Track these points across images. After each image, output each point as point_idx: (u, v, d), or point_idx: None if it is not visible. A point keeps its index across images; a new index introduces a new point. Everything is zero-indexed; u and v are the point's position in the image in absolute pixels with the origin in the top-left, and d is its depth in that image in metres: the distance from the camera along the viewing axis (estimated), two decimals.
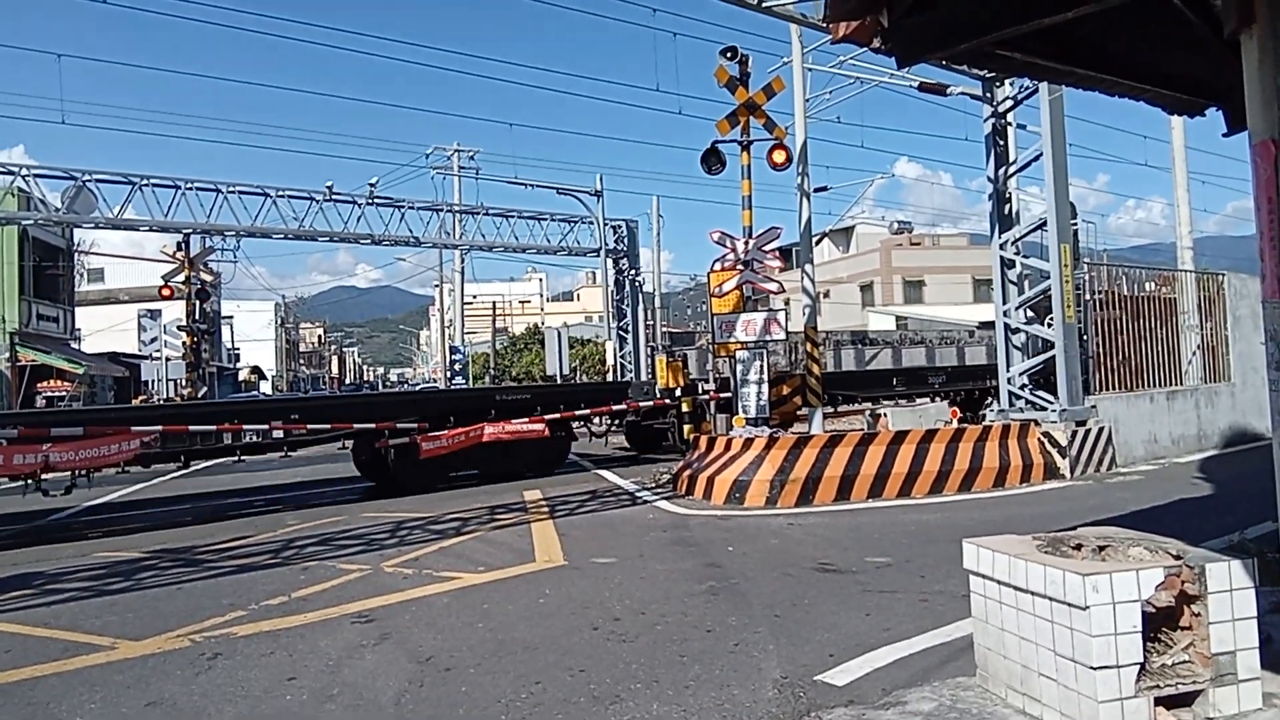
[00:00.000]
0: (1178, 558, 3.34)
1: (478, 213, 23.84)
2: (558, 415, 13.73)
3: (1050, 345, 12.09)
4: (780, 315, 11.99)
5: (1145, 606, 3.16)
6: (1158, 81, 4.71)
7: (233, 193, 19.29)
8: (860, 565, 6.86)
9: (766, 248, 11.77)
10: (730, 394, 12.65)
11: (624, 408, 14.87)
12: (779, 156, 12.06)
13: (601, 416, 15.25)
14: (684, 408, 15.22)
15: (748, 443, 10.63)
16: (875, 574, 6.57)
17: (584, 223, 24.71)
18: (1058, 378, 11.93)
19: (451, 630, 5.47)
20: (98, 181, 18.17)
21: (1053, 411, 11.92)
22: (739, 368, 11.88)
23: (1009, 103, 12.62)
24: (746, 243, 11.76)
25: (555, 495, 11.41)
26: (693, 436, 13.22)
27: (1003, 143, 12.82)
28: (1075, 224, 13.06)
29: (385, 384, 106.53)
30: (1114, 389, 13.09)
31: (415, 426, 12.28)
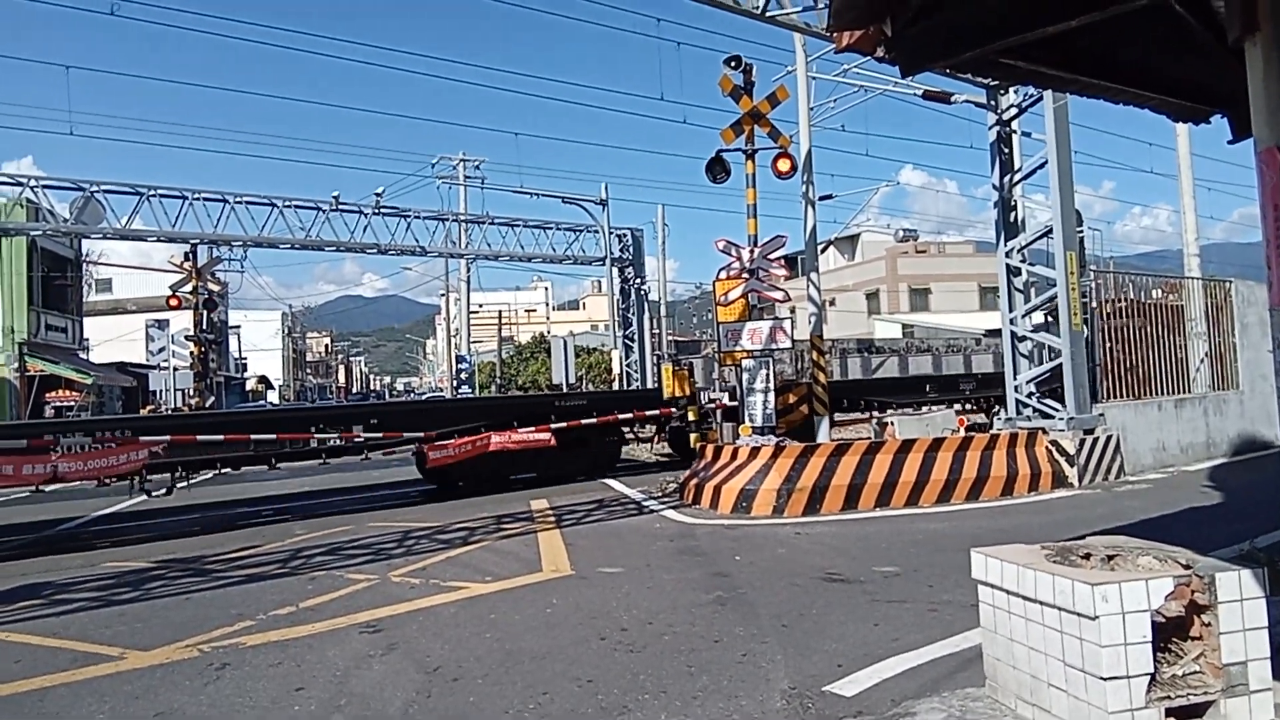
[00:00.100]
0: (1187, 567, 3.32)
1: (483, 222, 23.91)
2: (601, 420, 14.43)
3: (1057, 353, 12.06)
4: (786, 323, 11.98)
5: (1155, 616, 3.15)
6: (1162, 89, 4.70)
7: (240, 203, 19.39)
8: (868, 575, 6.84)
9: (772, 256, 11.78)
10: (736, 402, 12.65)
11: (658, 414, 15.44)
12: (783, 165, 12.16)
13: (645, 422, 15.83)
14: (690, 416, 15.23)
15: (754, 451, 10.61)
16: (883, 583, 6.55)
17: (589, 231, 24.76)
18: (1065, 386, 11.89)
19: (459, 640, 5.47)
20: (105, 192, 18.27)
21: (1060, 420, 11.87)
22: (745, 376, 11.88)
23: (1013, 110, 12.62)
24: (752, 251, 11.77)
25: (562, 504, 11.41)
26: (699, 445, 13.21)
27: (1008, 150, 12.81)
28: (1081, 231, 13.01)
29: (392, 393, 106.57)
30: (1122, 397, 13.04)
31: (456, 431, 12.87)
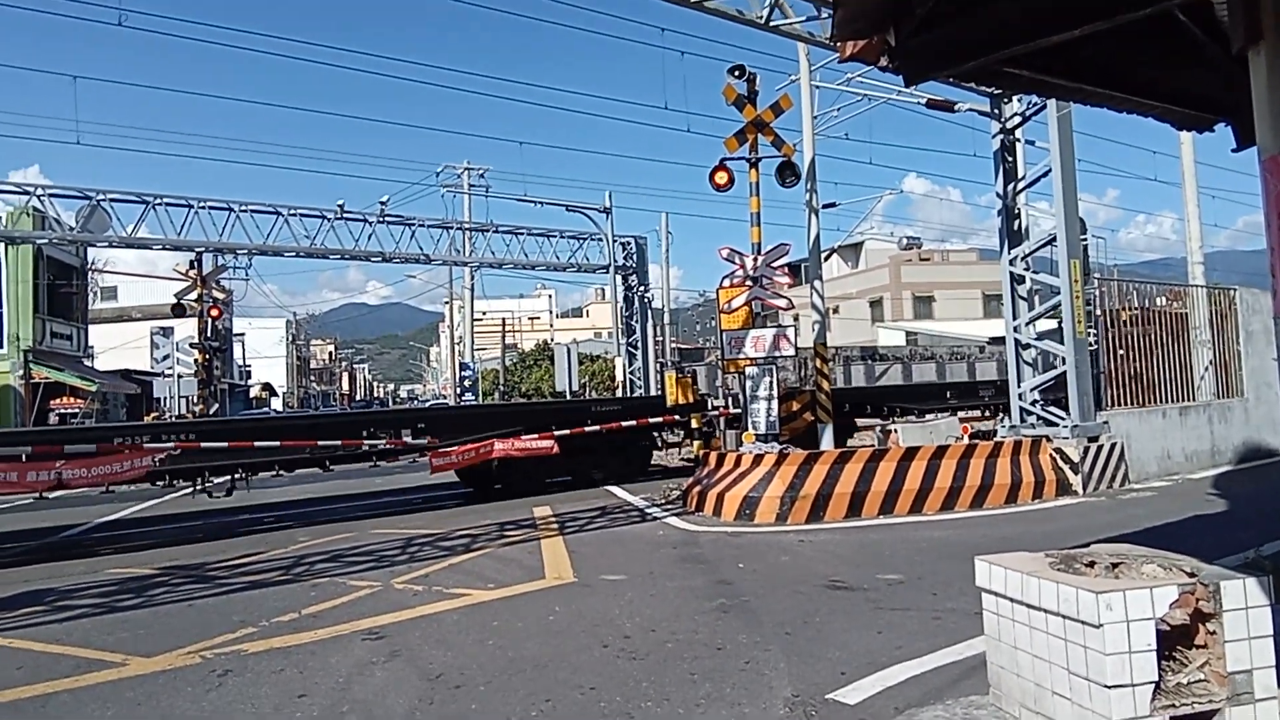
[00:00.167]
0: (1192, 575, 3.31)
1: (488, 230, 23.95)
2: (637, 423, 14.58)
3: (1061, 360, 12.05)
4: (789, 331, 11.98)
5: (1159, 624, 3.14)
6: (1166, 98, 4.71)
7: (245, 211, 19.45)
8: (872, 582, 6.82)
9: (775, 264, 11.78)
10: (740, 410, 12.64)
11: (688, 419, 15.61)
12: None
13: (676, 427, 16.00)
14: (693, 424, 15.23)
15: (758, 459, 10.60)
16: (887, 591, 6.53)
17: (593, 239, 24.80)
18: (1069, 393, 11.87)
19: (461, 647, 5.46)
20: (111, 201, 18.34)
21: (1064, 427, 11.85)
22: (748, 384, 11.87)
23: (1017, 119, 12.63)
24: (755, 259, 11.78)
25: (565, 512, 11.40)
26: (702, 453, 13.20)
27: (1011, 159, 12.82)
28: (1085, 239, 13.00)
29: (395, 400, 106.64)
30: (1126, 404, 13.02)
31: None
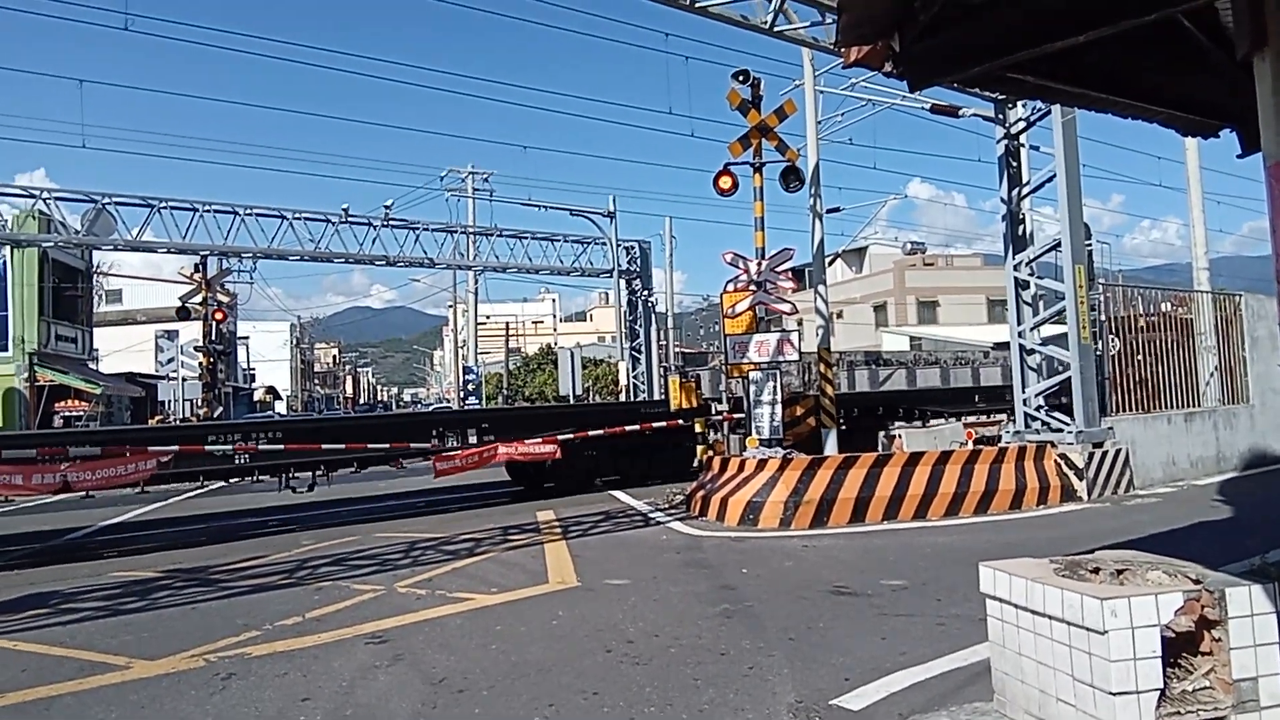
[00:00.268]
0: (1197, 582, 3.30)
1: (492, 234, 24.04)
2: (682, 425, 14.99)
3: (1066, 366, 12.02)
4: (793, 336, 11.98)
5: (1165, 631, 3.13)
6: (1171, 104, 4.70)
7: (250, 215, 19.54)
8: (876, 588, 6.81)
9: (779, 269, 11.79)
10: (744, 415, 12.63)
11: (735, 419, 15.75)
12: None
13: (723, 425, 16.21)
14: (697, 429, 15.21)
15: (761, 464, 10.59)
16: (891, 597, 6.52)
17: (597, 244, 24.87)
18: (1074, 399, 11.84)
19: (465, 651, 5.46)
20: (117, 204, 18.44)
21: (1069, 433, 11.82)
22: (752, 388, 11.87)
23: (1021, 124, 12.62)
24: (759, 264, 11.78)
25: (568, 516, 11.40)
26: (706, 458, 13.19)
27: (1016, 164, 12.81)
28: (1090, 245, 12.99)
29: (399, 404, 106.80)
30: (1131, 410, 12.98)
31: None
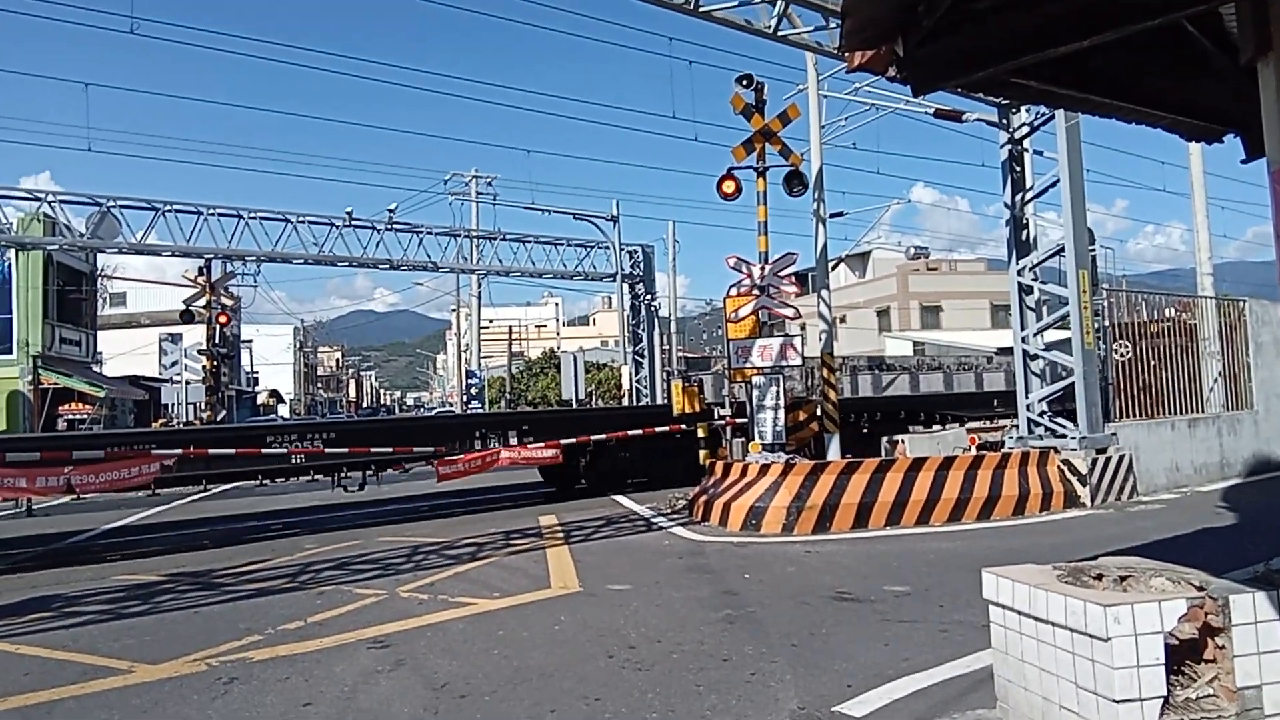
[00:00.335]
0: (1201, 589, 3.29)
1: (495, 238, 24.06)
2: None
3: (1069, 372, 12.00)
4: (796, 340, 11.97)
5: (1168, 638, 3.12)
6: (1175, 109, 4.70)
7: (254, 218, 19.57)
8: (879, 594, 6.79)
9: (783, 273, 11.78)
10: (746, 419, 12.62)
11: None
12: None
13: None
14: (699, 433, 15.18)
15: (764, 468, 10.58)
16: (894, 603, 6.50)
17: (600, 248, 24.86)
18: (1077, 404, 11.81)
19: (467, 656, 5.46)
20: (121, 207, 18.47)
21: (1072, 439, 11.79)
22: (755, 393, 11.85)
23: (1025, 129, 12.61)
24: (763, 268, 11.78)
25: (570, 520, 11.39)
26: (708, 462, 13.17)
27: (1019, 169, 12.80)
28: (1093, 250, 12.98)
29: (402, 408, 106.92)
30: (1135, 416, 12.95)
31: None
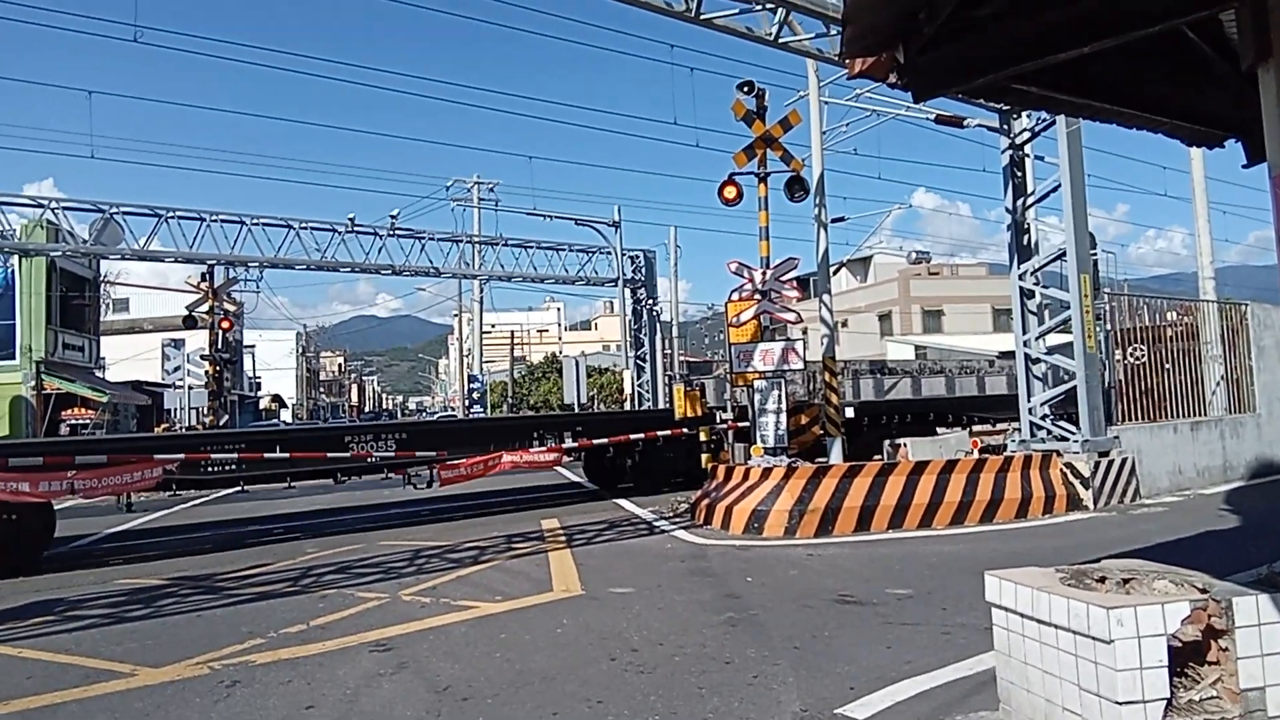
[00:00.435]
0: (1204, 591, 3.29)
1: (497, 243, 24.07)
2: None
3: (1071, 375, 12.00)
4: (798, 345, 11.98)
5: (1171, 641, 3.12)
6: (1176, 114, 4.71)
7: (256, 224, 19.60)
8: (881, 597, 6.79)
9: (784, 278, 11.80)
10: (748, 423, 12.63)
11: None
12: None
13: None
14: (701, 437, 15.20)
15: (766, 472, 10.58)
16: (896, 606, 6.50)
17: (602, 253, 24.86)
18: (1079, 408, 11.81)
19: (469, 659, 5.46)
20: (124, 214, 18.51)
21: (1075, 442, 11.79)
22: (757, 397, 11.87)
23: (1026, 134, 12.62)
24: (764, 273, 11.80)
25: (572, 524, 11.39)
26: (710, 466, 13.18)
27: (1020, 174, 12.81)
28: (1095, 254, 12.99)
29: (404, 413, 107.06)
30: (1137, 419, 12.95)
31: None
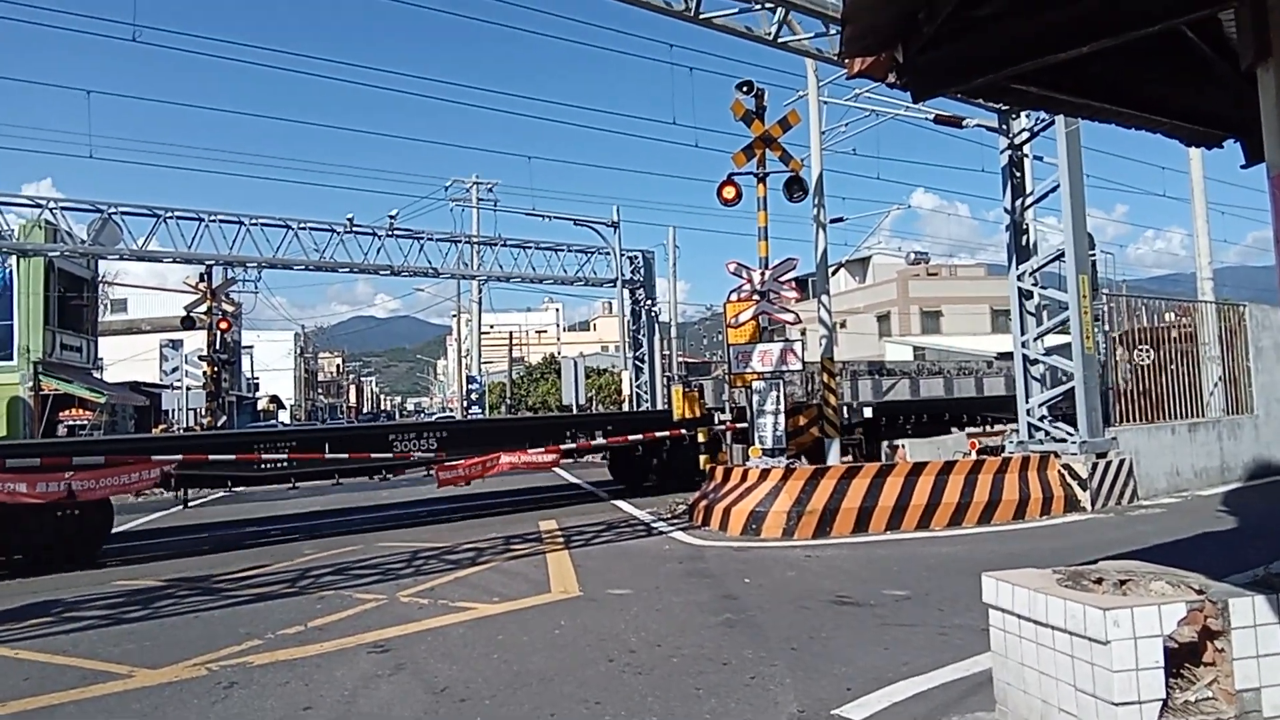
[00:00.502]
0: (1200, 592, 3.29)
1: (496, 244, 24.07)
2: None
3: (1070, 376, 12.00)
4: (797, 346, 11.99)
5: (1168, 642, 3.12)
6: (1175, 114, 4.71)
7: (255, 224, 19.58)
8: (878, 598, 6.79)
9: (783, 278, 11.80)
10: (747, 424, 12.62)
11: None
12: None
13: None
14: (700, 438, 15.19)
15: (764, 473, 10.58)
16: (893, 607, 6.50)
17: (601, 253, 24.85)
18: (1077, 409, 11.81)
19: (467, 661, 5.45)
20: (123, 214, 18.49)
21: (1073, 443, 11.79)
22: (755, 398, 11.86)
23: (1025, 135, 12.63)
24: (763, 273, 11.80)
25: (571, 525, 11.39)
26: (709, 467, 13.17)
27: (1019, 174, 12.82)
28: (1093, 255, 13.00)
29: (402, 413, 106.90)
30: (1135, 420, 12.96)
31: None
